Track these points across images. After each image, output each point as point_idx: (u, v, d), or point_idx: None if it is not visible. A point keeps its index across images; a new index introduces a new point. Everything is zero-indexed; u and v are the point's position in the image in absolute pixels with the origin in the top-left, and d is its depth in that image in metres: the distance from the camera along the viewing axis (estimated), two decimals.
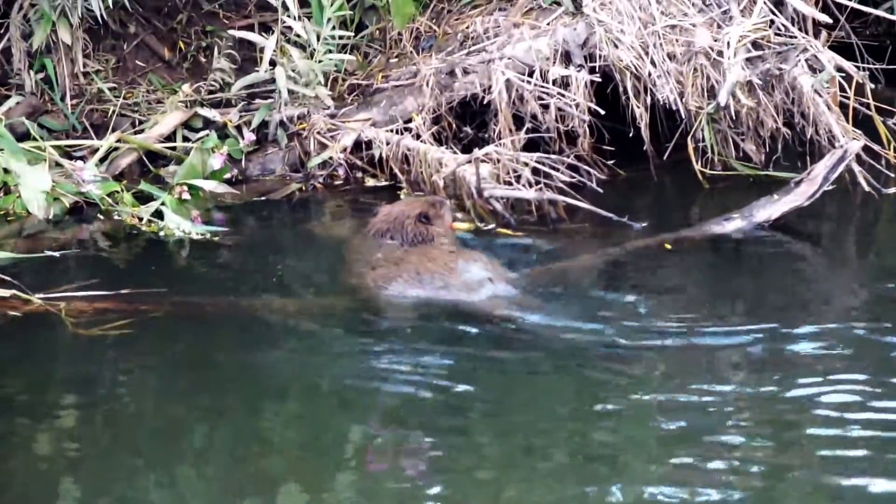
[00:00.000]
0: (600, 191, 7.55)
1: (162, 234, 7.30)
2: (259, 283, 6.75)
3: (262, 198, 7.87)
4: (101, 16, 7.98)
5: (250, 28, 8.40)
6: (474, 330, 6.08)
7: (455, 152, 7.77)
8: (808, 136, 7.78)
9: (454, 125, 8.06)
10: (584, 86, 7.80)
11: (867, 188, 7.58)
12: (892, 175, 7.88)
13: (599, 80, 7.88)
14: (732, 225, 7.23)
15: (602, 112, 7.82)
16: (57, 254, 6.96)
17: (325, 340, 6.14)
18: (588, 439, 5.17)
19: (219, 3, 8.62)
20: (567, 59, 7.91)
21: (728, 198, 7.72)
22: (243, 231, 7.46)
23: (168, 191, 7.60)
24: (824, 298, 6.63)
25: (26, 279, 6.43)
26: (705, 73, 7.81)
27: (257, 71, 7.98)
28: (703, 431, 5.15)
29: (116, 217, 7.46)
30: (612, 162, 7.99)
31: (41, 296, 6.31)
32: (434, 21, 8.47)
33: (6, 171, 7.51)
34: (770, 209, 7.27)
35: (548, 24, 8.04)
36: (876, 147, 7.86)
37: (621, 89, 7.88)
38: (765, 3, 7.98)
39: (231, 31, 8.31)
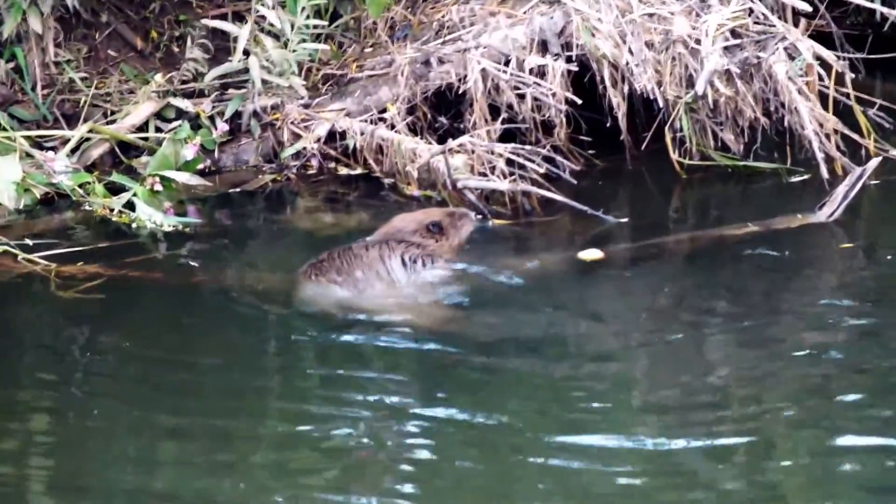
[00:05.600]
0: (574, 182, 7.49)
1: (134, 225, 7.25)
2: (229, 271, 6.77)
3: (236, 189, 7.81)
4: (73, 4, 7.92)
5: (223, 17, 8.33)
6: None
7: (430, 142, 7.71)
8: (787, 126, 7.72)
9: (429, 115, 7.99)
10: (561, 75, 7.73)
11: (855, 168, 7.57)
12: None
13: (576, 69, 7.80)
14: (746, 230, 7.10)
15: (579, 102, 7.76)
16: (30, 242, 6.88)
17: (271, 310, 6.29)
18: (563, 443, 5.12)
19: None
20: (544, 48, 7.84)
21: (706, 188, 7.66)
22: (216, 222, 7.41)
23: (140, 182, 7.55)
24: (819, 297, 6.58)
25: None
26: (683, 61, 7.74)
27: (231, 61, 7.91)
28: (694, 438, 5.10)
29: (88, 208, 7.39)
30: (589, 152, 7.93)
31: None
32: (409, 10, 8.40)
33: None
34: (788, 222, 7.15)
35: (524, 12, 7.98)
36: (855, 136, 7.80)
37: (598, 78, 7.80)
38: None
39: (204, 21, 8.25)
